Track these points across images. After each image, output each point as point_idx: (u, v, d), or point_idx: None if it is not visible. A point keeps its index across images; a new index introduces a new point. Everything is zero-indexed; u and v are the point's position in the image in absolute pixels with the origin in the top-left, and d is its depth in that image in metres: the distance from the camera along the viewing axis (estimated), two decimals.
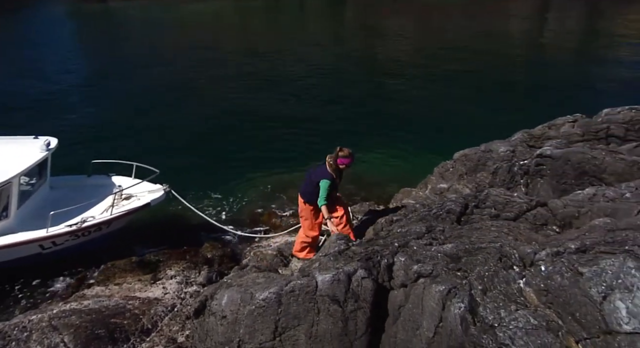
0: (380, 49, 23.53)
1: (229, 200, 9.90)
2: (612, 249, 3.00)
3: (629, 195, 4.10)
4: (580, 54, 22.54)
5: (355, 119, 13.87)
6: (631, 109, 7.44)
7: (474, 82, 17.23)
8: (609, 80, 17.26)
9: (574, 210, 4.18)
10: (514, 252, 3.40)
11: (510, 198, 4.68)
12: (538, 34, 27.55)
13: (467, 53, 21.72)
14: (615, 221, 3.52)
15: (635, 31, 26.69)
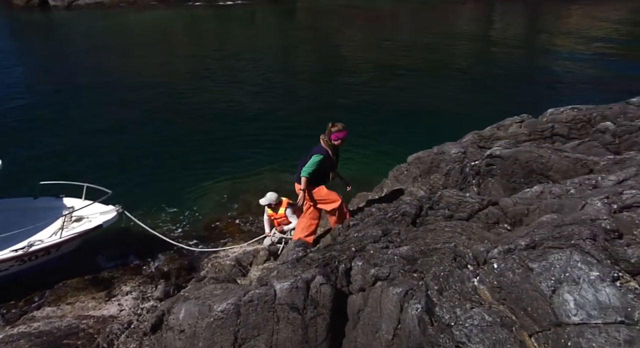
0: (332, 54, 23.69)
1: (185, 213, 9.73)
2: (559, 244, 3.11)
3: (573, 191, 4.25)
4: (525, 56, 23.32)
5: (308, 124, 13.89)
6: (573, 108, 7.75)
7: (424, 86, 17.60)
8: (554, 80, 17.93)
9: (524, 207, 4.29)
10: (468, 251, 3.47)
11: (463, 198, 4.77)
12: (485, 37, 28.34)
13: (417, 58, 22.17)
14: (561, 217, 3.64)
15: (576, 30, 27.87)
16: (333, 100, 16.12)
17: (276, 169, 11.37)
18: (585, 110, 7.57)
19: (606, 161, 5.25)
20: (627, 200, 3.64)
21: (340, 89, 17.65)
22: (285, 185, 9.37)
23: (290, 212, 7.48)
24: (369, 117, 14.38)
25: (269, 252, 7.27)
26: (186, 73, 20.18)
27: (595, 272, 2.81)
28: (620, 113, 7.11)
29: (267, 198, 7.39)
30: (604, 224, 3.33)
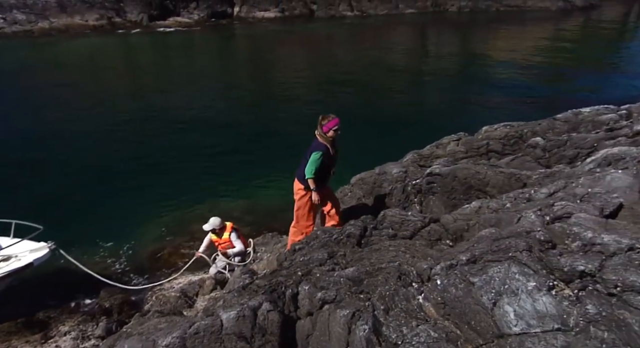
0: (272, 77, 23.88)
1: (125, 245, 9.45)
2: (498, 257, 3.20)
3: (509, 205, 4.41)
4: (458, 76, 24.29)
5: (250, 148, 13.92)
6: (506, 125, 8.10)
7: (364, 106, 17.97)
8: (486, 99, 18.75)
9: (464, 223, 4.40)
10: (412, 269, 3.52)
11: (406, 217, 4.84)
12: (420, 60, 29.36)
13: (354, 79, 22.66)
14: (499, 230, 3.76)
15: (503, 52, 29.30)
16: (275, 126, 16.20)
17: (217, 195, 11.24)
18: (517, 127, 7.92)
19: (538, 175, 5.49)
20: (558, 211, 3.81)
21: (281, 112, 17.77)
22: (232, 212, 9.29)
23: (234, 236, 7.39)
24: (309, 140, 14.49)
25: (215, 281, 7.13)
26: (122, 102, 19.71)
27: (532, 282, 2.90)
28: (548, 128, 7.48)
29: (211, 224, 7.28)
30: (538, 235, 3.46)
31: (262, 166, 12.72)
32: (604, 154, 5.11)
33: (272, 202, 10.78)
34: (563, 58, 28.70)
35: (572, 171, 5.12)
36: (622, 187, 4.16)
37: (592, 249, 3.26)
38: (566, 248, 3.36)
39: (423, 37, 38.50)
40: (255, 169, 12.62)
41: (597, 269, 3.00)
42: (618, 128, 6.43)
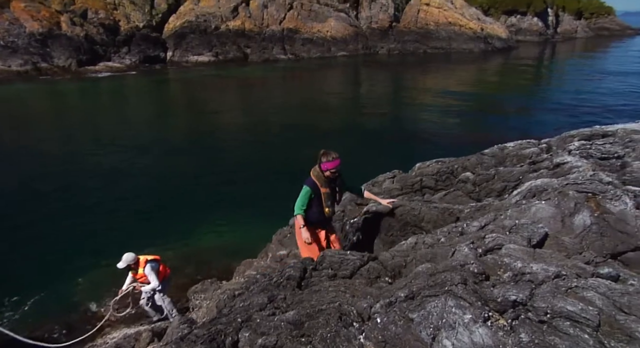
0: (203, 122, 23.68)
1: (49, 300, 8.87)
2: (435, 292, 3.26)
3: (443, 240, 4.52)
4: (391, 115, 25.07)
5: (187, 194, 13.65)
6: (437, 161, 8.38)
7: (299, 146, 18.11)
8: (418, 136, 19.39)
9: (401, 260, 4.46)
10: (352, 309, 3.52)
11: (345, 256, 4.86)
12: (353, 99, 30.17)
13: (289, 120, 22.95)
14: (435, 265, 3.83)
15: (433, 90, 30.61)
16: (211, 170, 16.01)
17: (152, 244, 10.87)
18: (448, 163, 8.20)
19: (469, 208, 5.68)
20: (489, 243, 3.95)
21: (217, 157, 17.61)
22: (168, 260, 9.00)
23: (149, 270, 7.13)
24: (247, 181, 14.45)
25: (152, 333, 6.82)
26: (47, 152, 18.93)
27: (468, 314, 2.97)
28: (477, 163, 7.79)
29: (124, 260, 7.04)
30: (472, 268, 3.55)
31: (198, 212, 12.51)
32: (528, 186, 5.37)
33: (208, 248, 10.57)
34: (487, 95, 30.35)
35: (501, 204, 5.34)
36: (546, 217, 4.38)
37: (522, 279, 3.39)
38: (499, 279, 3.47)
39: (355, 78, 39.70)
40: (191, 215, 12.38)
41: (527, 298, 3.12)
42: (540, 161, 6.79)
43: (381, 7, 55.68)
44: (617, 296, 3.14)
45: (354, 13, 55.25)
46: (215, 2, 48.11)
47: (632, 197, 4.47)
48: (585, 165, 5.80)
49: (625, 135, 7.06)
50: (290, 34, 49.49)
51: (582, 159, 6.16)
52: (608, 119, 19.87)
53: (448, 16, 56.75)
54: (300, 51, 49.18)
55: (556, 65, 50.04)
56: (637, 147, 6.20)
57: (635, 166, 5.55)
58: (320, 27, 50.48)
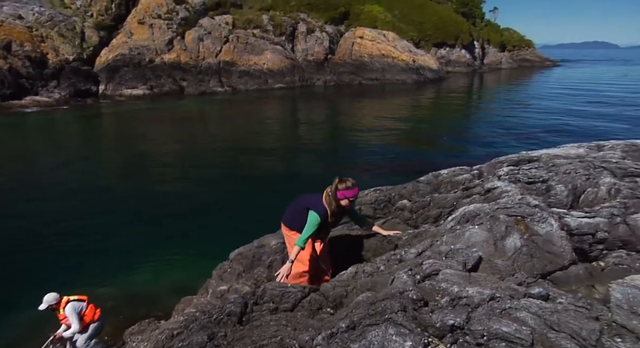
0: (137, 157, 23.09)
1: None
2: (375, 321, 3.28)
3: (383, 268, 4.58)
4: (327, 146, 25.41)
5: (117, 231, 13.20)
6: (375, 190, 8.51)
7: (237, 178, 18.04)
8: (355, 165, 19.66)
9: (342, 290, 4.47)
10: (294, 342, 3.47)
11: (286, 289, 4.81)
12: (290, 131, 30.38)
13: (224, 155, 22.74)
14: (375, 293, 3.87)
15: (367, 121, 31.33)
16: (143, 203, 15.59)
17: (84, 285, 10.37)
18: (385, 191, 8.35)
19: (407, 236, 5.79)
20: (427, 269, 4.03)
21: (152, 189, 17.19)
22: (105, 301, 8.59)
23: (69, 310, 6.80)
24: (184, 216, 14.15)
25: None
26: None
27: (408, 341, 3.00)
28: (413, 191, 7.98)
29: (45, 301, 6.70)
30: (411, 295, 3.61)
31: (135, 249, 12.08)
32: (462, 212, 5.55)
33: (146, 287, 10.20)
34: (420, 124, 31.39)
35: (437, 230, 5.47)
36: (479, 241, 4.52)
37: (459, 303, 3.47)
38: (437, 305, 3.53)
39: (293, 110, 40.09)
40: (127, 252, 11.94)
41: (465, 321, 3.19)
42: (472, 187, 7.05)
43: (316, 40, 56.91)
44: (548, 314, 3.26)
45: (290, 46, 56.14)
46: (149, 35, 47.58)
47: (557, 219, 4.71)
48: (513, 190, 6.07)
49: (549, 159, 7.45)
50: (226, 67, 49.54)
51: (511, 183, 6.44)
52: (533, 145, 20.96)
53: (381, 48, 58.68)
54: (238, 83, 49.26)
55: (484, 94, 52.59)
56: (559, 171, 6.56)
57: (559, 189, 5.85)
58: (257, 60, 50.88)
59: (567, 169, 6.36)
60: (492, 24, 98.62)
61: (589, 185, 5.79)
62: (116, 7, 48.35)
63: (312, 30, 57.00)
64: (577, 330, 3.12)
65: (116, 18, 48.38)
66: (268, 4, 57.74)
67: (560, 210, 5.03)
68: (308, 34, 56.70)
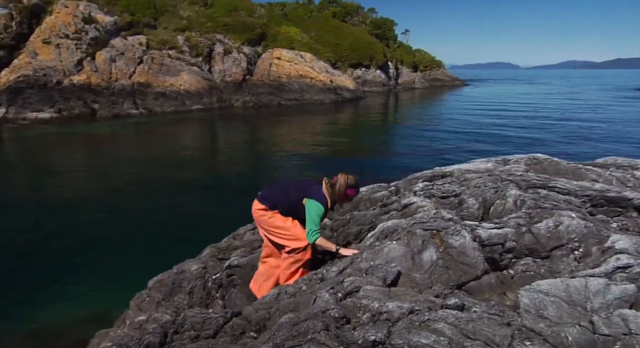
0: (45, 183, 21.78)
1: None
2: (298, 342, 3.26)
3: (305, 288, 4.57)
4: (246, 167, 25.21)
5: (24, 262, 12.36)
6: None
7: (153, 207, 17.40)
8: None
9: (265, 312, 4.41)
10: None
11: (207, 315, 4.68)
12: (210, 152, 29.94)
13: (140, 180, 21.94)
14: (297, 314, 3.85)
15: (287, 139, 31.53)
16: (54, 231, 14.70)
17: None
18: None
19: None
20: (348, 287, 4.07)
21: (61, 216, 16.24)
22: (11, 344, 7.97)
23: None
24: (96, 244, 13.48)
25: None
26: None
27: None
28: None
29: None
30: (333, 313, 3.62)
31: (44, 280, 11.31)
32: (381, 228, 5.67)
33: (58, 321, 9.55)
34: (339, 143, 31.95)
35: (357, 247, 5.55)
36: (398, 256, 4.64)
37: (380, 318, 3.52)
38: (358, 321, 3.57)
39: (211, 131, 39.56)
40: (36, 284, 11.15)
41: (386, 336, 3.24)
42: (390, 203, 7.24)
43: (234, 61, 56.75)
44: (464, 324, 3.39)
45: (207, 67, 55.58)
46: (55, 56, 45.27)
47: (470, 231, 4.92)
48: (428, 205, 6.30)
49: (461, 174, 7.80)
50: (141, 88, 48.08)
51: (426, 198, 6.68)
52: (446, 160, 21.95)
53: (299, 69, 59.45)
54: (153, 105, 47.91)
55: (400, 112, 54.54)
56: (470, 185, 6.88)
57: (470, 202, 6.14)
58: (173, 81, 49.85)
59: (477, 183, 6.69)
60: (404, 46, 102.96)
61: (497, 197, 6.12)
62: (17, 25, 45.55)
63: (230, 51, 56.80)
64: (491, 337, 3.26)
65: (17, 37, 45.55)
66: (183, 24, 56.97)
67: (472, 223, 5.26)
68: (225, 55, 56.44)
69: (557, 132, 34.57)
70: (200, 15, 60.33)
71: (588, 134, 33.25)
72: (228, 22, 60.45)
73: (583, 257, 4.77)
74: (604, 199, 6.26)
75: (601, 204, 6.28)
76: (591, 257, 4.70)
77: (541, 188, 6.46)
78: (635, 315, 3.50)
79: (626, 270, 4.18)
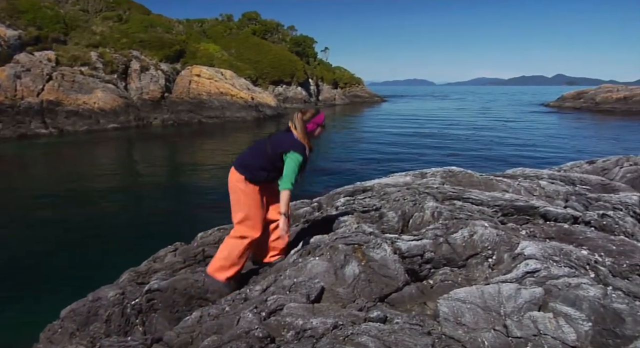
0: None
1: None
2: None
3: (228, 309, 4.48)
4: (168, 187, 24.51)
5: None
6: (219, 229, 8.41)
7: (64, 231, 16.48)
8: (198, 205, 19.22)
9: (187, 336, 4.29)
10: None
11: (126, 343, 4.49)
12: (127, 174, 28.83)
13: (50, 204, 20.71)
14: (221, 336, 3.76)
15: (209, 161, 31.02)
16: None
17: None
18: (229, 229, 8.26)
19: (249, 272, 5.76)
20: (272, 305, 4.03)
21: None
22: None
23: None
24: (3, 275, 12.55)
25: None
26: None
27: None
28: None
29: None
30: (257, 333, 3.57)
31: None
32: (304, 244, 5.69)
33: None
34: None
35: (280, 264, 5.53)
36: (321, 272, 4.66)
37: (304, 335, 3.51)
38: (283, 340, 3.54)
39: (128, 151, 38.13)
40: None
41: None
42: (312, 219, 7.28)
43: (151, 78, 55.29)
44: (386, 336, 3.45)
45: (123, 84, 53.76)
46: None
47: (390, 244, 5.04)
48: (350, 219, 6.40)
49: (381, 188, 8.00)
50: (51, 107, 45.56)
51: (348, 213, 6.78)
52: (367, 175, 22.40)
53: (219, 86, 58.89)
54: (65, 124, 45.52)
55: None
56: (390, 198, 7.07)
57: (390, 215, 6.30)
58: (87, 99, 47.73)
59: (397, 197, 6.88)
60: (324, 63, 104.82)
61: (416, 210, 6.32)
62: None
63: (147, 68, 55.30)
64: (412, 347, 3.33)
65: None
66: (96, 40, 54.87)
67: (392, 236, 5.39)
68: (142, 72, 54.88)
69: (470, 145, 36.35)
70: (115, 30, 58.37)
71: (498, 147, 35.22)
72: (144, 38, 58.93)
73: (496, 264, 5.02)
74: (514, 208, 6.63)
75: (511, 213, 6.64)
76: (503, 264, 4.95)
77: (456, 199, 6.75)
78: (543, 316, 3.72)
79: (534, 275, 4.44)
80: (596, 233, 5.75)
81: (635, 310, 3.86)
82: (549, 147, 35.54)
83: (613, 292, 4.10)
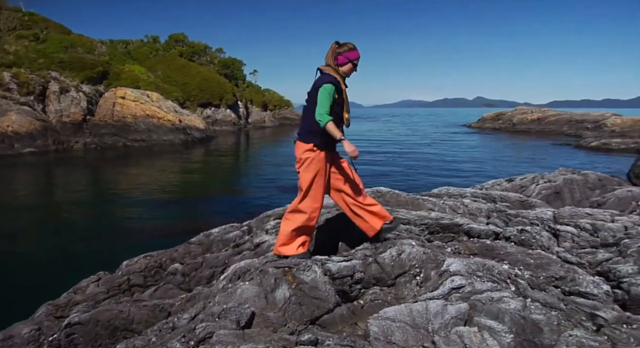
0: None
1: None
2: None
3: (155, 339, 4.31)
4: (91, 215, 23.44)
5: None
6: (145, 256, 8.12)
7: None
8: (123, 233, 18.48)
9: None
10: None
11: None
12: (44, 204, 27.33)
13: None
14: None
15: (133, 187, 30.00)
16: None
17: None
18: (156, 256, 8.01)
19: (180, 301, 5.59)
20: (200, 333, 3.92)
21: None
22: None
23: None
24: None
25: None
26: None
27: None
28: (185, 253, 7.81)
29: None
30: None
31: None
32: (233, 269, 5.59)
33: None
34: (190, 183, 31.20)
35: (209, 291, 5.40)
36: (251, 297, 4.59)
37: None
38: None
39: (46, 177, 36.08)
40: None
41: None
42: (242, 243, 7.19)
43: (72, 100, 53.05)
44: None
45: (41, 106, 51.24)
46: None
47: (320, 265, 5.05)
48: None
49: None
50: None
51: None
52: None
53: (145, 109, 57.38)
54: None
55: (251, 151, 54.97)
56: (321, 219, 7.11)
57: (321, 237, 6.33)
58: (0, 122, 45.11)
59: (327, 217, 6.93)
60: (253, 85, 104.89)
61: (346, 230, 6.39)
62: None
63: (67, 90, 53.05)
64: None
65: None
66: (10, 60, 52.16)
67: (322, 257, 5.41)
68: (62, 94, 52.56)
69: (398, 165, 37.36)
70: (31, 50, 55.77)
71: (424, 167, 36.42)
72: (64, 58, 56.66)
73: (424, 281, 5.14)
74: (439, 226, 6.85)
75: (437, 231, 6.86)
76: (430, 281, 5.08)
77: None
78: (469, 331, 3.84)
79: (459, 291, 4.59)
80: (516, 248, 6.04)
81: (552, 320, 4.07)
82: (471, 165, 37.18)
83: (532, 304, 4.31)
